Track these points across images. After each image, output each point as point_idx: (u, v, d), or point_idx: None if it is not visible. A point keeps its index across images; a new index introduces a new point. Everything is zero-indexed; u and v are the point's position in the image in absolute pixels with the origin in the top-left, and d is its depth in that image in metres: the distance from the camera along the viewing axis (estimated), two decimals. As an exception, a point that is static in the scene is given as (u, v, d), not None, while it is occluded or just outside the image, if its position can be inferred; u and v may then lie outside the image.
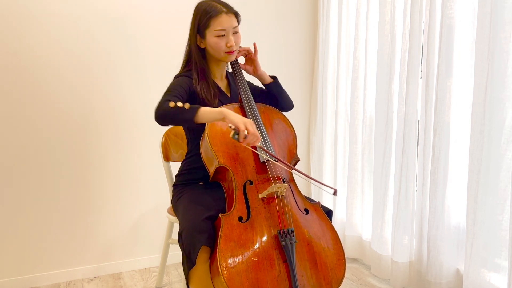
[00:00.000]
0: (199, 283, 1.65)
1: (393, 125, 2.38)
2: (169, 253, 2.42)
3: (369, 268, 2.65)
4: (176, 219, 2.03)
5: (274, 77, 2.05)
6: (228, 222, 1.62)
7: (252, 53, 2.03)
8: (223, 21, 1.82)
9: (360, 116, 2.66)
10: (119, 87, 2.57)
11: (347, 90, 2.79)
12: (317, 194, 3.00)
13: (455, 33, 2.02)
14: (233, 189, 1.72)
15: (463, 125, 2.07)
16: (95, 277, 2.60)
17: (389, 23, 2.36)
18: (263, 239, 1.63)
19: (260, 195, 1.70)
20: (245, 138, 1.57)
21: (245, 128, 1.58)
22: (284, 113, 2.03)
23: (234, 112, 1.64)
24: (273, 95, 2.04)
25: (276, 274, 1.58)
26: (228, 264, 1.55)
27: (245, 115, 1.86)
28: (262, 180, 1.76)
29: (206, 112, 1.64)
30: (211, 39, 1.84)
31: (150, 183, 2.68)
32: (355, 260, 2.79)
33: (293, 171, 1.69)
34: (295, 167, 1.76)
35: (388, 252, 2.44)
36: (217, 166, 1.74)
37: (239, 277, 1.53)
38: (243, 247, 1.59)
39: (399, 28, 2.31)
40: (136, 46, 2.58)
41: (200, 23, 1.85)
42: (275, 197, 1.72)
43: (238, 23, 1.87)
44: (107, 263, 2.64)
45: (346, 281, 2.49)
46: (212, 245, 1.62)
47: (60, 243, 2.53)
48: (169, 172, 2.31)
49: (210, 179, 1.82)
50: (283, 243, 1.61)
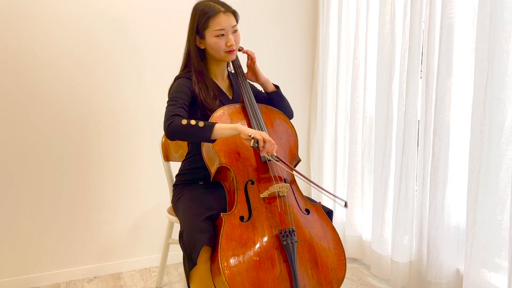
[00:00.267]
0: (200, 282, 1.65)
1: (393, 125, 2.38)
2: (169, 253, 2.42)
3: (369, 268, 2.65)
4: (176, 219, 2.04)
5: (277, 87, 2.06)
6: (230, 222, 1.63)
7: (249, 61, 2.02)
8: (221, 21, 1.82)
9: (360, 116, 2.66)
10: (119, 87, 2.57)
11: (347, 90, 2.79)
12: (317, 194, 2.99)
13: (455, 33, 2.02)
14: (234, 188, 1.73)
15: (463, 125, 2.08)
16: (95, 277, 2.60)
17: (389, 23, 2.36)
18: (264, 238, 1.63)
19: (262, 195, 1.71)
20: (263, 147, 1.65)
21: (262, 138, 1.63)
22: (285, 114, 2.03)
23: (247, 127, 1.69)
24: (274, 104, 2.04)
25: (277, 274, 1.59)
26: (229, 263, 1.55)
27: (247, 115, 1.86)
28: (264, 180, 1.76)
29: (221, 129, 1.67)
30: (210, 40, 1.84)
31: (150, 183, 2.68)
32: (355, 260, 2.79)
33: (304, 180, 1.73)
34: (296, 168, 1.78)
35: (388, 252, 2.44)
36: (219, 165, 1.74)
37: (240, 277, 1.54)
38: (244, 246, 1.59)
39: (399, 28, 2.31)
40: (136, 46, 2.58)
41: (198, 24, 1.85)
42: (276, 197, 1.72)
43: (236, 22, 1.87)
44: (107, 263, 2.64)
45: (346, 281, 2.50)
46: (213, 244, 1.63)
47: (60, 243, 2.53)
48: (169, 172, 2.31)
49: (212, 178, 1.82)
50: (284, 242, 1.61)
